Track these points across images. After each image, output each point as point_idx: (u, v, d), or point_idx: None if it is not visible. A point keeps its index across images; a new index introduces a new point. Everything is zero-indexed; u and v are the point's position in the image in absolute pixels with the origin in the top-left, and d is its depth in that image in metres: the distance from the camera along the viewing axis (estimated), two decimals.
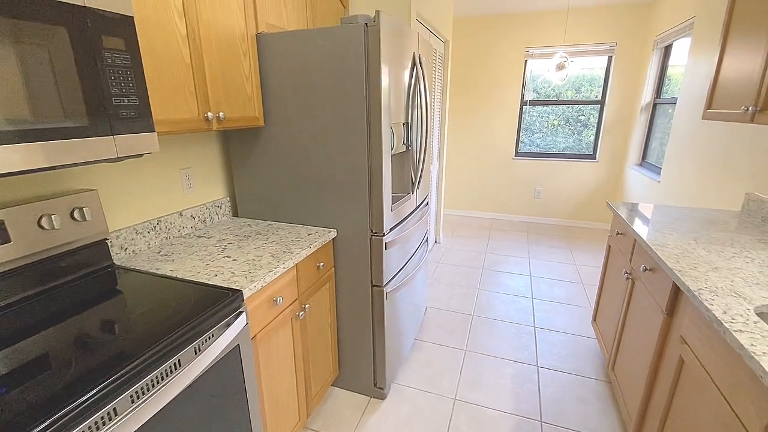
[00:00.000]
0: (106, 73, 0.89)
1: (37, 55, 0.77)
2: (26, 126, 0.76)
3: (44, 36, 0.77)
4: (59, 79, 0.81)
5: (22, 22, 0.74)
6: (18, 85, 0.74)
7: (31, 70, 0.76)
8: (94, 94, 0.87)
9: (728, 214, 1.85)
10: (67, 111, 0.83)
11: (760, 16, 1.46)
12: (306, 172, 1.63)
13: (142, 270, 1.24)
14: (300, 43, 1.47)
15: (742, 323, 0.91)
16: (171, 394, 0.83)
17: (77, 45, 0.83)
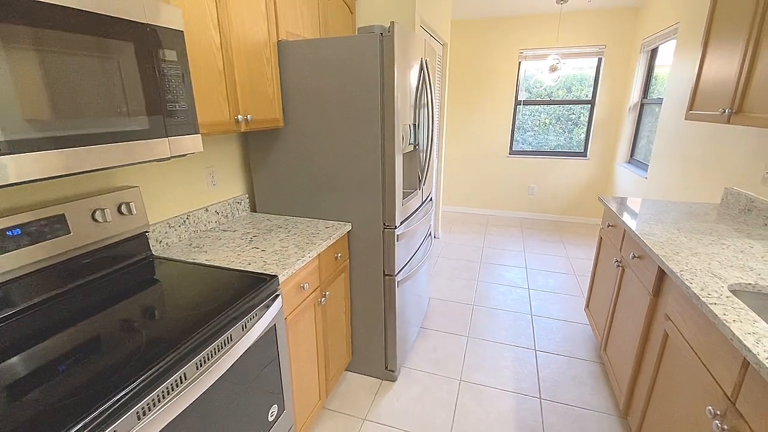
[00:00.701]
0: (162, 81, 1.01)
1: (108, 66, 0.88)
2: (100, 129, 0.87)
3: (115, 50, 0.88)
4: (126, 88, 0.92)
5: (101, 39, 0.85)
6: (93, 93, 0.85)
7: (104, 80, 0.87)
8: (153, 101, 0.98)
9: (709, 207, 2.02)
10: (132, 116, 0.94)
11: (736, 25, 1.62)
12: (322, 170, 1.75)
13: (180, 260, 1.35)
14: (319, 50, 1.58)
15: (717, 297, 1.06)
16: (226, 364, 0.95)
17: (141, 57, 0.94)
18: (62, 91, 0.78)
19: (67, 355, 0.82)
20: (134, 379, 0.75)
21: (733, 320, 0.95)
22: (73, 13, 0.79)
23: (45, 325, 0.94)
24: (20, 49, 0.71)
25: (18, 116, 0.72)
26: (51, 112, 0.77)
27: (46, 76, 0.75)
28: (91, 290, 1.12)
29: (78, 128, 0.82)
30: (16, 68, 0.70)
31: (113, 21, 0.87)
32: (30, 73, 0.73)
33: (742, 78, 1.54)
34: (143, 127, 0.97)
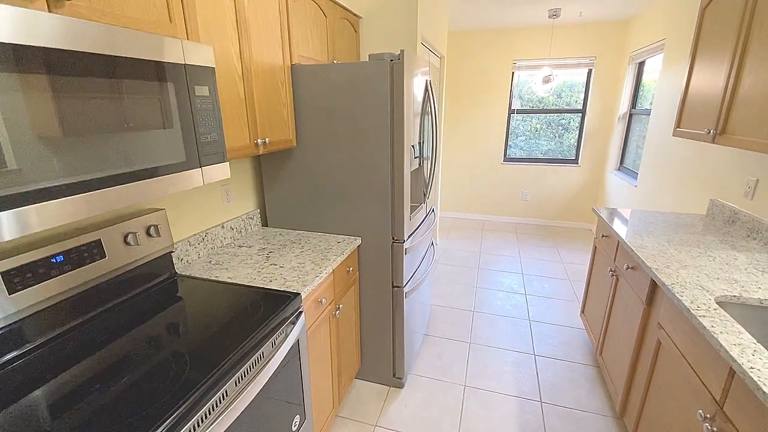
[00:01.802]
0: (196, 115, 1.08)
1: (150, 106, 0.95)
2: (145, 165, 0.94)
3: (157, 91, 0.96)
4: (166, 125, 0.99)
5: (145, 83, 0.92)
6: (138, 132, 0.92)
7: (147, 119, 0.94)
8: (188, 134, 1.06)
9: (696, 218, 2.15)
10: (171, 151, 1.01)
11: (720, 50, 1.74)
12: (332, 186, 1.83)
13: (204, 278, 1.41)
14: (332, 74, 1.66)
15: (705, 310, 1.16)
16: (262, 381, 1.02)
17: (179, 95, 1.01)
18: (111, 133, 0.85)
19: (115, 375, 0.89)
20: (184, 399, 0.82)
21: (720, 332, 1.05)
22: (124, 61, 0.86)
23: (87, 347, 1.00)
24: (73, 98, 0.77)
25: (75, 159, 0.78)
26: (102, 153, 0.84)
27: (98, 121, 0.82)
28: (125, 310, 1.18)
29: (126, 166, 0.89)
30: (71, 116, 0.77)
31: (157, 65, 0.94)
32: (83, 119, 0.79)
33: (725, 100, 1.66)
34: (180, 160, 1.04)
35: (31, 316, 0.98)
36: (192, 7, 1.12)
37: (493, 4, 3.37)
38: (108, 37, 0.81)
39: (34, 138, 0.70)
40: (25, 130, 0.69)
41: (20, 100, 0.68)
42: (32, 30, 0.69)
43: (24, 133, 0.69)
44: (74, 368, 0.92)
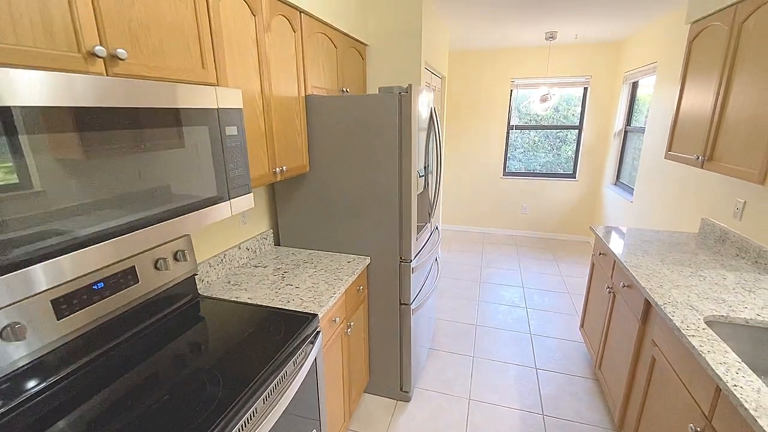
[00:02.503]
0: (226, 153, 1.18)
1: (188, 148, 1.05)
2: (183, 202, 1.04)
3: (194, 134, 1.06)
4: (201, 164, 1.09)
5: (184, 128, 1.02)
6: (177, 173, 1.02)
7: (185, 160, 1.04)
8: (219, 171, 1.16)
9: (688, 236, 2.25)
10: (205, 186, 1.11)
11: (707, 81, 1.86)
12: (343, 208, 1.93)
13: (225, 298, 1.50)
14: (344, 105, 1.78)
15: (694, 330, 1.26)
16: (287, 398, 1.10)
17: (212, 136, 1.12)
18: (156, 175, 0.95)
19: (152, 392, 0.97)
20: (221, 416, 0.91)
21: (707, 351, 1.14)
22: (168, 112, 0.96)
23: (123, 366, 1.09)
24: (125, 148, 0.87)
25: (125, 203, 0.88)
26: (148, 194, 0.93)
27: (145, 166, 0.92)
28: (155, 332, 1.27)
29: (168, 204, 0.99)
30: (122, 166, 0.87)
31: (196, 111, 1.04)
32: (132, 165, 0.89)
33: (712, 128, 1.77)
34: (212, 195, 1.14)
35: (75, 339, 1.07)
36: (221, 54, 1.24)
37: (492, 27, 3.51)
38: (154, 92, 0.92)
39: (97, 184, 0.80)
40: (88, 179, 0.79)
41: (80, 155, 0.78)
42: (97, 93, 0.79)
43: (90, 180, 0.79)
44: (115, 384, 1.00)
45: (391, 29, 2.53)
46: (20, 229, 0.69)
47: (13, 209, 0.68)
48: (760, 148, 1.45)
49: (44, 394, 0.98)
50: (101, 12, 0.86)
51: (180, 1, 1.07)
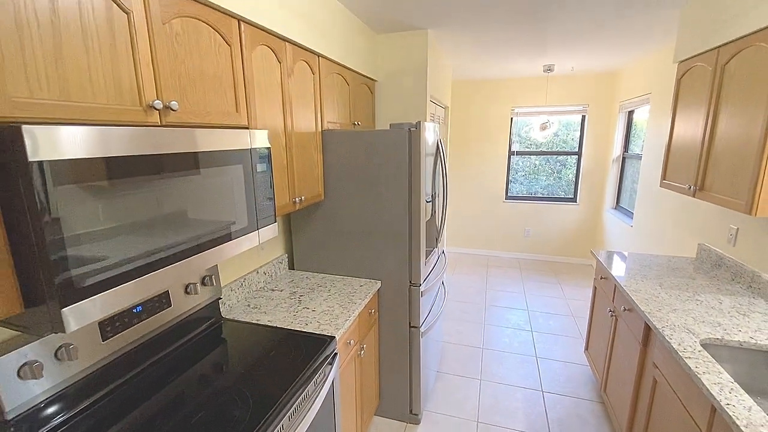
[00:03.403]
0: (257, 188, 1.30)
1: (226, 184, 1.17)
2: (220, 233, 1.15)
3: (231, 172, 1.18)
4: (236, 198, 1.21)
5: (224, 168, 1.15)
6: (215, 207, 1.14)
7: (223, 195, 1.16)
8: (250, 203, 1.28)
9: (686, 261, 2.33)
10: (238, 218, 1.23)
11: (695, 116, 1.99)
12: (355, 234, 2.04)
13: (247, 321, 1.59)
14: (358, 139, 1.91)
15: (691, 352, 1.33)
16: (310, 417, 1.18)
17: (245, 173, 1.24)
18: (199, 210, 1.07)
19: (187, 410, 1.06)
20: None
21: (703, 372, 1.22)
22: (213, 154, 1.09)
23: (158, 386, 1.17)
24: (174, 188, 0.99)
25: (172, 235, 0.99)
26: (192, 227, 1.05)
27: (189, 202, 1.04)
28: (185, 353, 1.35)
29: (209, 236, 1.10)
30: (173, 203, 0.99)
31: (234, 152, 1.17)
32: (179, 202, 1.01)
33: (702, 160, 1.89)
34: (244, 226, 1.25)
35: (117, 359, 1.16)
36: (252, 98, 1.38)
37: (492, 62, 3.72)
38: (203, 138, 1.05)
39: (152, 220, 0.92)
40: (145, 216, 0.91)
41: (140, 197, 0.90)
42: (160, 141, 0.92)
43: (146, 216, 0.90)
44: (151, 402, 1.09)
45: (398, 67, 2.71)
46: (92, 262, 0.79)
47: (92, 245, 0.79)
48: (745, 180, 1.56)
49: (89, 411, 1.06)
50: (159, 70, 1.01)
51: (220, 56, 1.22)
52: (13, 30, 0.71)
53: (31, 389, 0.95)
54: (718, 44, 1.81)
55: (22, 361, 0.93)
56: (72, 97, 0.81)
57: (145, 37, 0.96)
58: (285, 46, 1.58)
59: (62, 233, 0.72)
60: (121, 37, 0.91)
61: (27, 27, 0.73)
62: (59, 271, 0.72)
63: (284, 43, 1.58)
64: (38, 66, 0.75)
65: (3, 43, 0.69)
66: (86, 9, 0.83)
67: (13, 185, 0.69)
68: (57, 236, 0.71)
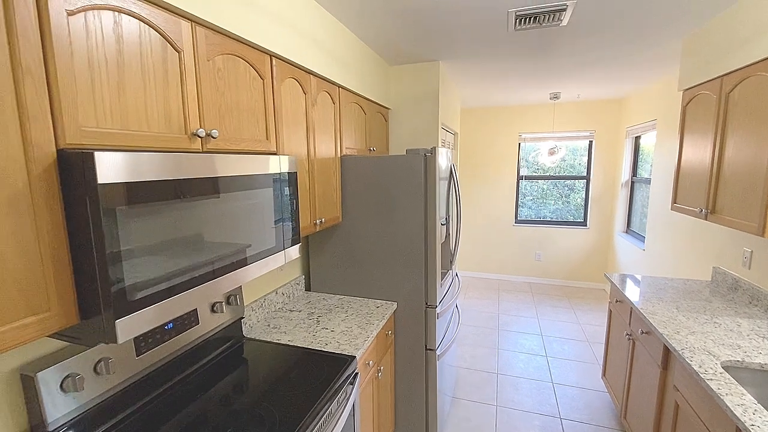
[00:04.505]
0: (284, 210, 1.37)
1: (256, 206, 1.24)
2: (252, 251, 1.21)
3: (261, 195, 1.26)
4: (265, 219, 1.28)
5: (256, 191, 1.22)
6: (250, 226, 1.20)
7: (254, 217, 1.23)
8: (278, 225, 1.34)
9: (701, 284, 2.33)
10: (268, 238, 1.29)
11: (702, 141, 2.05)
12: (372, 256, 2.08)
13: (268, 340, 1.62)
14: (375, 164, 2.00)
15: (712, 374, 1.33)
16: None
17: (274, 196, 1.32)
18: (233, 230, 1.13)
19: (218, 423, 1.08)
20: None
21: (725, 393, 1.22)
22: (248, 177, 1.17)
23: (187, 401, 1.20)
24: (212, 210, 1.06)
25: (209, 253, 1.05)
26: (227, 246, 1.11)
27: (227, 222, 1.11)
28: (212, 370, 1.39)
29: (243, 254, 1.16)
30: (211, 223, 1.06)
31: (265, 176, 1.25)
32: (218, 224, 1.08)
33: (711, 184, 1.93)
34: (272, 246, 1.31)
35: (149, 374, 1.20)
36: (281, 126, 1.47)
37: (499, 90, 3.85)
38: (237, 163, 1.13)
39: (192, 238, 0.98)
40: (187, 234, 0.97)
41: (186, 216, 0.97)
42: (204, 166, 1.00)
43: (187, 233, 0.97)
44: (183, 413, 1.12)
45: (411, 95, 2.84)
46: (141, 277, 0.85)
47: (141, 261, 0.85)
48: (756, 202, 1.59)
49: (123, 425, 1.10)
50: (203, 102, 1.10)
51: (254, 89, 1.32)
52: (86, 69, 0.80)
53: (72, 402, 0.99)
54: (721, 73, 1.89)
55: (65, 374, 0.98)
56: (130, 127, 0.90)
57: (193, 72, 1.06)
58: (310, 79, 1.69)
59: (120, 249, 0.79)
60: (173, 73, 1.01)
61: (97, 66, 0.82)
62: (115, 284, 0.78)
63: (309, 75, 1.69)
64: (104, 99, 0.84)
65: (78, 80, 0.78)
66: (146, 49, 0.93)
67: (80, 204, 0.76)
68: (115, 252, 0.78)
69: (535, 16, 1.91)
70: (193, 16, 1.05)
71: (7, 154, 0.68)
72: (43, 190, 0.73)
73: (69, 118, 0.77)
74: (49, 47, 0.73)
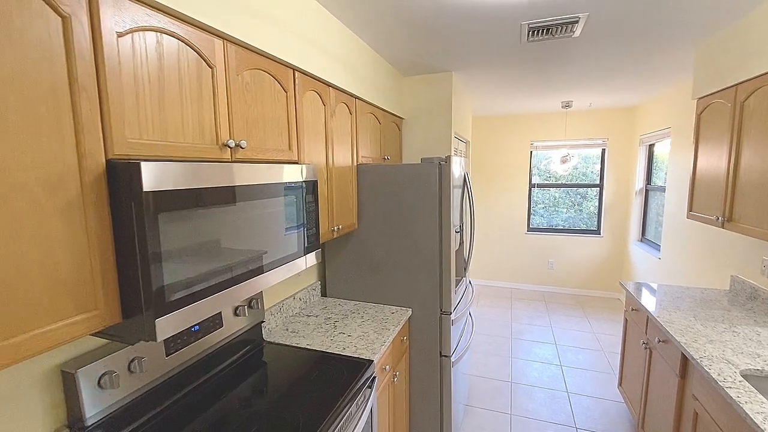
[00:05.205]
0: (306, 216, 1.42)
1: (281, 212, 1.29)
2: (278, 256, 1.26)
3: (285, 203, 1.31)
4: (287, 225, 1.33)
5: (279, 198, 1.27)
6: (275, 232, 1.25)
7: (278, 223, 1.28)
8: (301, 231, 1.39)
9: (719, 293, 2.30)
10: (291, 244, 1.34)
11: (718, 149, 2.05)
12: (387, 262, 2.12)
13: (287, 344, 1.67)
14: (391, 172, 2.04)
15: (731, 382, 1.33)
16: None
17: (297, 203, 1.37)
18: (261, 236, 1.18)
19: (243, 422, 1.12)
20: None
21: (745, 401, 1.22)
22: (274, 185, 1.22)
23: (214, 399, 1.25)
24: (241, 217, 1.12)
25: (242, 257, 1.11)
26: (252, 252, 1.16)
27: (255, 228, 1.16)
28: (235, 371, 1.43)
29: (266, 258, 1.21)
30: (240, 228, 1.11)
31: (289, 184, 1.30)
32: (247, 229, 1.13)
33: (727, 192, 1.93)
34: (294, 251, 1.36)
35: (176, 375, 1.25)
36: (302, 136, 1.53)
37: (511, 99, 3.89)
38: (264, 172, 1.18)
39: (225, 242, 1.04)
40: (221, 237, 1.03)
41: (220, 221, 1.02)
42: (237, 175, 1.05)
43: (221, 237, 1.02)
44: (210, 411, 1.16)
45: (424, 105, 2.89)
46: (177, 279, 0.90)
47: (178, 264, 0.90)
48: None
49: (153, 422, 1.14)
50: (232, 114, 1.16)
51: (278, 101, 1.39)
52: (132, 85, 0.87)
53: (108, 398, 1.05)
54: (735, 82, 1.90)
55: (103, 371, 1.03)
56: (169, 138, 0.96)
57: (224, 87, 1.13)
58: (329, 91, 1.75)
59: (160, 252, 0.84)
60: (206, 88, 1.07)
61: (141, 82, 0.89)
62: (156, 285, 0.83)
63: (328, 87, 1.75)
64: (147, 113, 0.90)
65: (125, 95, 0.85)
66: (183, 66, 0.99)
67: (126, 210, 0.82)
68: (156, 255, 0.83)
69: (548, 28, 1.95)
70: (225, 34, 1.12)
71: (64, 163, 0.74)
72: (93, 197, 0.79)
73: (117, 131, 0.83)
74: (101, 66, 0.80)
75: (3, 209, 0.66)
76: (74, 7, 0.74)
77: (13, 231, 0.67)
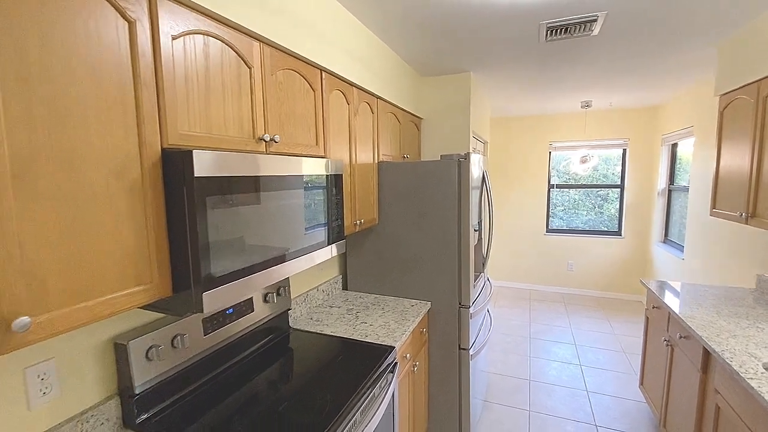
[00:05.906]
0: (332, 208, 1.50)
1: (309, 203, 1.37)
2: (306, 244, 1.34)
3: (314, 194, 1.39)
4: (316, 216, 1.41)
5: (309, 191, 1.35)
6: (306, 220, 1.33)
7: (308, 213, 1.36)
8: (327, 221, 1.47)
9: (745, 291, 2.27)
10: (320, 234, 1.42)
11: (741, 145, 2.04)
12: (407, 257, 2.18)
13: (312, 331, 1.75)
14: (411, 169, 2.11)
15: (753, 373, 1.33)
16: (379, 415, 1.29)
17: (325, 195, 1.45)
18: (294, 223, 1.27)
19: (272, 401, 1.20)
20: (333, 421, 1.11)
21: (766, 392, 1.22)
22: (303, 177, 1.31)
23: (246, 378, 1.33)
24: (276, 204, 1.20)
25: (282, 240, 1.19)
26: (285, 238, 1.24)
27: (290, 216, 1.24)
28: (264, 354, 1.52)
29: (302, 244, 1.29)
30: (276, 216, 1.20)
31: (318, 177, 1.39)
32: (283, 216, 1.21)
33: (751, 188, 1.92)
34: (321, 240, 1.44)
35: (212, 353, 1.34)
36: (328, 133, 1.62)
37: (529, 99, 3.91)
38: (296, 164, 1.27)
39: (264, 226, 1.12)
40: (254, 225, 1.11)
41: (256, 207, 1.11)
42: (268, 165, 1.14)
43: (260, 222, 1.11)
44: (244, 389, 1.24)
45: (443, 105, 2.95)
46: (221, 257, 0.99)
47: (221, 243, 0.99)
48: None
49: (192, 395, 1.23)
50: (267, 111, 1.25)
51: (307, 99, 1.48)
52: (183, 82, 0.96)
53: (153, 369, 1.14)
54: (757, 78, 1.89)
55: (150, 345, 1.13)
56: (213, 131, 1.05)
57: (260, 85, 1.22)
58: (353, 90, 1.84)
59: (207, 232, 0.93)
60: (245, 86, 1.16)
61: (191, 80, 0.99)
62: (204, 262, 0.92)
63: (352, 87, 1.84)
64: (195, 107, 1.00)
65: (177, 91, 0.95)
66: (226, 66, 1.09)
67: (178, 194, 0.91)
68: (204, 234, 0.92)
69: (566, 27, 1.99)
70: (262, 37, 1.21)
71: (128, 150, 0.84)
72: (151, 181, 0.89)
73: (171, 123, 0.92)
74: (159, 65, 0.90)
75: (85, 186, 0.76)
76: (139, 13, 0.84)
77: (94, 203, 0.77)
